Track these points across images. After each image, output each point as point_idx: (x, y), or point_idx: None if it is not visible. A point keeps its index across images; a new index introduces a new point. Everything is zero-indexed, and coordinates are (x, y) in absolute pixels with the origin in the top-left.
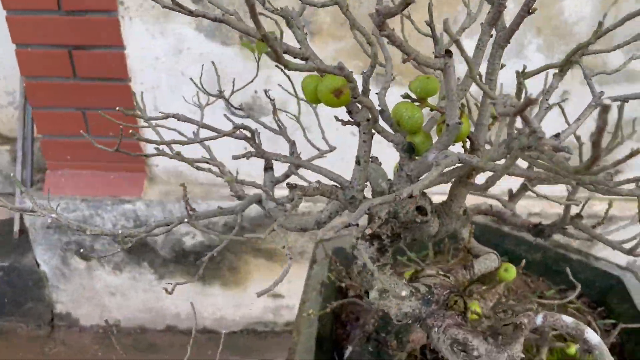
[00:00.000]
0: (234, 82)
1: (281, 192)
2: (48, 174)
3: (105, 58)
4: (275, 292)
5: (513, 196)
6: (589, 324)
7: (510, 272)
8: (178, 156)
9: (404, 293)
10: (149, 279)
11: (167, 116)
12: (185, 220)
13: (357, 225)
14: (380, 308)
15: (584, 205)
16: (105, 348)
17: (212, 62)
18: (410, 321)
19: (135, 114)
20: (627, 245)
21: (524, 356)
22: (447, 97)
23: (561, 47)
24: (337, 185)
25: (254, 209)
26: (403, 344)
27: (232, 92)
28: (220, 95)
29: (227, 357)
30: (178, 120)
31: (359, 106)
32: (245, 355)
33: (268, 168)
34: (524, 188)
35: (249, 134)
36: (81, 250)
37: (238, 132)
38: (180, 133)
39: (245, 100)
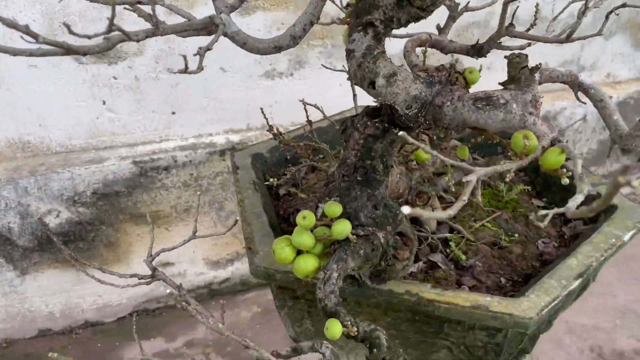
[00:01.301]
0: None
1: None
2: None
3: None
4: (164, 260)
5: (443, 28)
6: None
7: (475, 73)
8: None
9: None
10: (9, 278)
11: None
12: (153, 33)
13: None
14: (386, 98)
15: (514, 12)
16: None
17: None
18: (418, 106)
19: None
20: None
21: (543, 96)
22: None
23: None
24: None
25: (127, 170)
26: (388, 168)
27: None
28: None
29: (123, 344)
30: None
31: None
32: (142, 338)
33: None
34: (451, 19)
35: None
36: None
37: None
38: None
39: (97, 43)
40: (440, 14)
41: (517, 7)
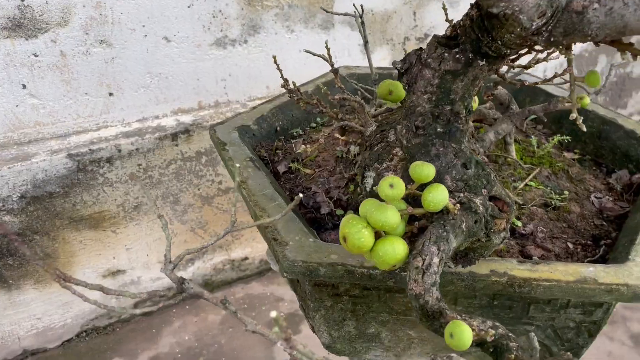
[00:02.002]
0: None
1: None
2: None
3: None
4: (113, 268)
5: None
6: None
7: None
8: None
9: None
10: None
11: None
12: None
13: None
14: (512, 4)
15: None
16: None
17: None
18: (550, 14)
19: None
20: None
21: None
22: None
23: None
24: None
25: (61, 165)
26: (470, 113)
27: None
28: None
29: None
30: None
31: None
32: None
33: None
34: None
35: None
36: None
37: None
38: None
39: (10, 15)
40: None
41: None
